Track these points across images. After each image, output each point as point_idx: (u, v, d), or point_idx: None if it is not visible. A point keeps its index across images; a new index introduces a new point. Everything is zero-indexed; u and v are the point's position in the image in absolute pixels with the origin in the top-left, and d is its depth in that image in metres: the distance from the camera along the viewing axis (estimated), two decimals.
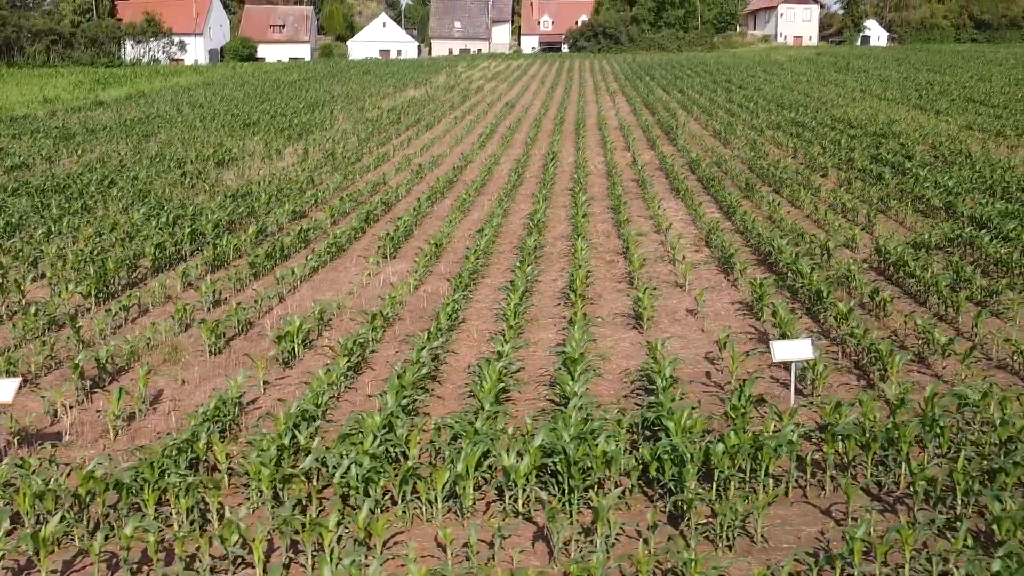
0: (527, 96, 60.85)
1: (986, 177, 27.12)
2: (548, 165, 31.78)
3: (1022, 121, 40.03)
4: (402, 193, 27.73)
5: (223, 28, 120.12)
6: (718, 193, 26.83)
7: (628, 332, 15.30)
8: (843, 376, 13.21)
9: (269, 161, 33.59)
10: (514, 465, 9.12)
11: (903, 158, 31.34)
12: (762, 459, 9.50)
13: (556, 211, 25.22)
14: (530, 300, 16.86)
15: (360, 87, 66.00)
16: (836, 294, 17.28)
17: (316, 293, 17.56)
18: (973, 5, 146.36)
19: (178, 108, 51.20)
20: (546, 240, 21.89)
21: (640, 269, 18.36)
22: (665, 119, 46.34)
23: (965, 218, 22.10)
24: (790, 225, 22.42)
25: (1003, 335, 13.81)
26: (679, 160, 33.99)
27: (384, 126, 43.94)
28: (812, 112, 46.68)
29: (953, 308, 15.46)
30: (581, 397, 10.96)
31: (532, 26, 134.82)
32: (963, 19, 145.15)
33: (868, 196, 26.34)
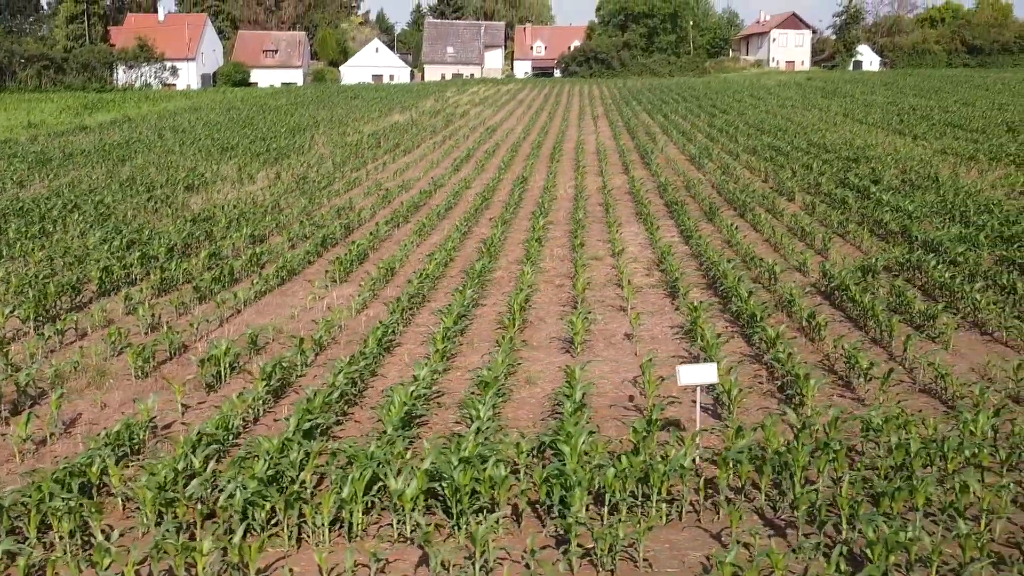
0: (511, 121, 61.08)
1: (948, 201, 27.16)
2: (515, 190, 31.85)
3: (996, 145, 40.12)
4: (365, 217, 27.79)
5: (216, 53, 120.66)
6: (680, 217, 26.89)
7: (561, 356, 15.30)
8: (765, 400, 13.23)
9: (240, 185, 33.69)
10: (401, 489, 9.11)
11: (870, 183, 31.41)
12: (653, 484, 9.49)
13: (515, 235, 25.27)
14: (470, 324, 16.90)
15: (345, 112, 66.24)
16: (775, 317, 17.37)
17: (259, 317, 17.58)
18: (965, 30, 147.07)
19: (160, 133, 51.38)
20: (499, 265, 21.93)
21: (583, 293, 18.40)
22: (643, 143, 46.50)
23: (919, 242, 22.15)
24: (745, 249, 22.50)
25: (936, 359, 13.76)
26: (649, 184, 34.07)
27: (362, 151, 44.07)
28: (790, 137, 46.81)
29: (887, 332, 15.48)
30: (487, 421, 10.95)
31: (525, 51, 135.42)
32: (955, 44, 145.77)
33: (829, 220, 26.40)
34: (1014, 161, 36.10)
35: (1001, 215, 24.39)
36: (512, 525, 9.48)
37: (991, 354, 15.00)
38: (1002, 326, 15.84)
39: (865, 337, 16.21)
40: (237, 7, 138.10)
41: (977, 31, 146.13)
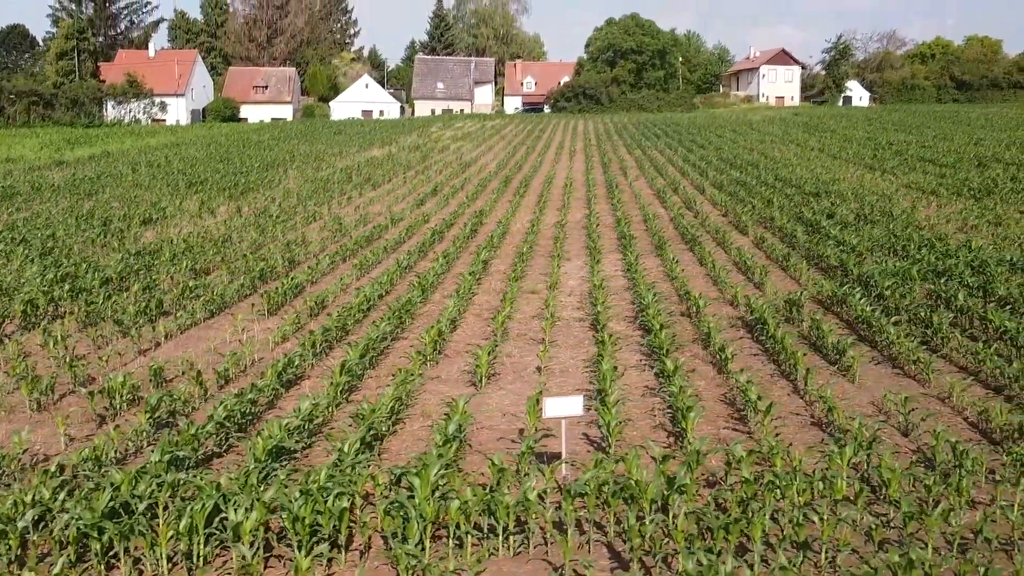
0: (488, 156, 61.33)
1: (894, 235, 27.24)
2: (471, 224, 31.94)
3: (960, 180, 40.32)
4: (314, 251, 27.83)
5: (206, 89, 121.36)
6: (627, 251, 26.92)
7: (467, 389, 15.28)
8: (655, 432, 13.22)
9: (199, 219, 33.78)
10: (239, 521, 9.08)
11: (825, 217, 31.56)
12: (500, 516, 9.46)
13: (458, 269, 25.33)
14: (384, 357, 16.93)
15: (325, 147, 66.53)
16: (691, 350, 17.41)
17: (178, 350, 17.57)
18: (954, 66, 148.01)
19: (134, 168, 51.56)
20: (432, 299, 21.96)
21: (502, 327, 18.42)
22: (613, 178, 46.72)
23: (852, 276, 22.19)
24: (682, 282, 22.56)
25: (828, 392, 13.74)
26: (608, 219, 34.18)
27: (331, 185, 44.21)
28: (760, 171, 46.98)
29: (791, 365, 15.50)
30: (356, 454, 10.94)
31: (515, 87, 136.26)
32: (944, 80, 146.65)
33: (775, 254, 26.47)
34: (974, 195, 36.26)
35: (941, 249, 24.46)
36: (356, 558, 9.44)
37: (896, 387, 15.01)
38: (910, 360, 15.82)
39: (777, 370, 16.24)
40: (230, 44, 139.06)
41: (966, 67, 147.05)
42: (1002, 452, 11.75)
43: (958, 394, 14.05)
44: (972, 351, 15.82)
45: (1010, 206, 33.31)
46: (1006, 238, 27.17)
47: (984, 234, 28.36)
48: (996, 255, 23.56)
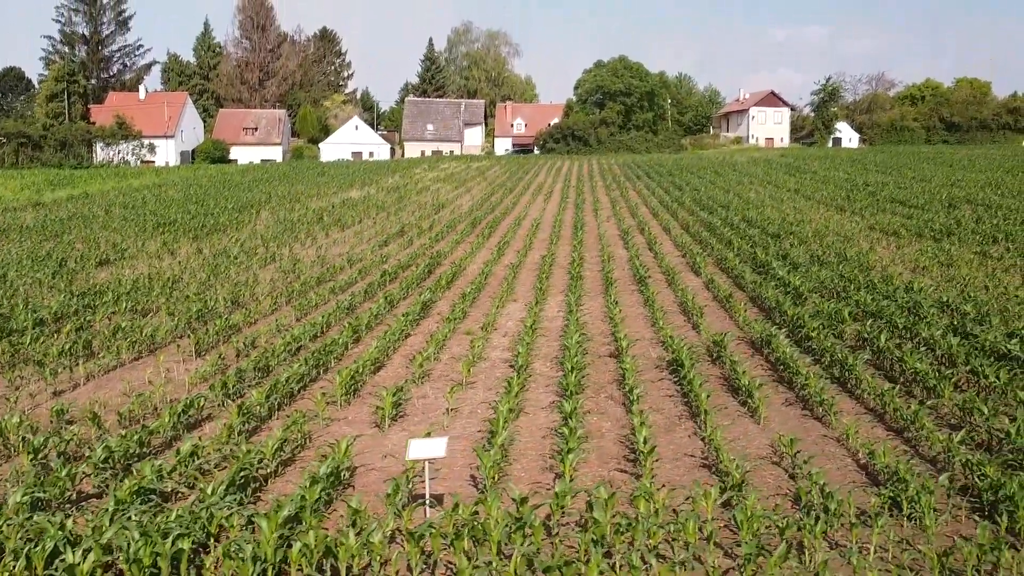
0: (465, 197, 61.53)
1: (843, 276, 27.35)
2: (423, 265, 31.99)
3: (924, 221, 40.48)
4: (262, 292, 27.80)
5: (196, 130, 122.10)
6: (573, 291, 26.97)
7: (370, 430, 15.29)
8: (543, 474, 13.21)
9: (158, 260, 33.86)
10: (77, 563, 9.06)
11: (778, 259, 31.67)
12: (341, 559, 9.45)
13: (400, 310, 25.34)
14: (300, 400, 16.95)
15: (305, 188, 66.79)
16: (608, 391, 17.43)
17: (96, 392, 17.57)
18: (943, 107, 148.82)
19: (108, 209, 51.76)
20: (365, 341, 21.97)
21: (421, 368, 18.44)
22: (583, 219, 46.95)
23: (788, 317, 22.24)
24: (617, 323, 22.60)
25: (718, 435, 13.74)
26: (566, 260, 34.25)
27: (300, 226, 44.34)
28: (730, 212, 47.11)
29: (697, 406, 15.51)
30: (216, 496, 10.91)
31: (505, 128, 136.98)
32: (933, 121, 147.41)
33: (720, 294, 26.53)
34: (934, 236, 36.39)
35: (881, 290, 24.55)
36: None
37: (801, 428, 15.04)
38: (818, 401, 15.83)
39: (687, 411, 16.25)
40: (222, 86, 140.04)
41: (955, 108, 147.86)
42: (877, 493, 11.72)
43: (853, 435, 14.04)
44: (879, 392, 15.82)
45: (967, 247, 33.42)
46: (952, 279, 27.25)
47: (934, 275, 28.46)
48: (932, 296, 23.66)
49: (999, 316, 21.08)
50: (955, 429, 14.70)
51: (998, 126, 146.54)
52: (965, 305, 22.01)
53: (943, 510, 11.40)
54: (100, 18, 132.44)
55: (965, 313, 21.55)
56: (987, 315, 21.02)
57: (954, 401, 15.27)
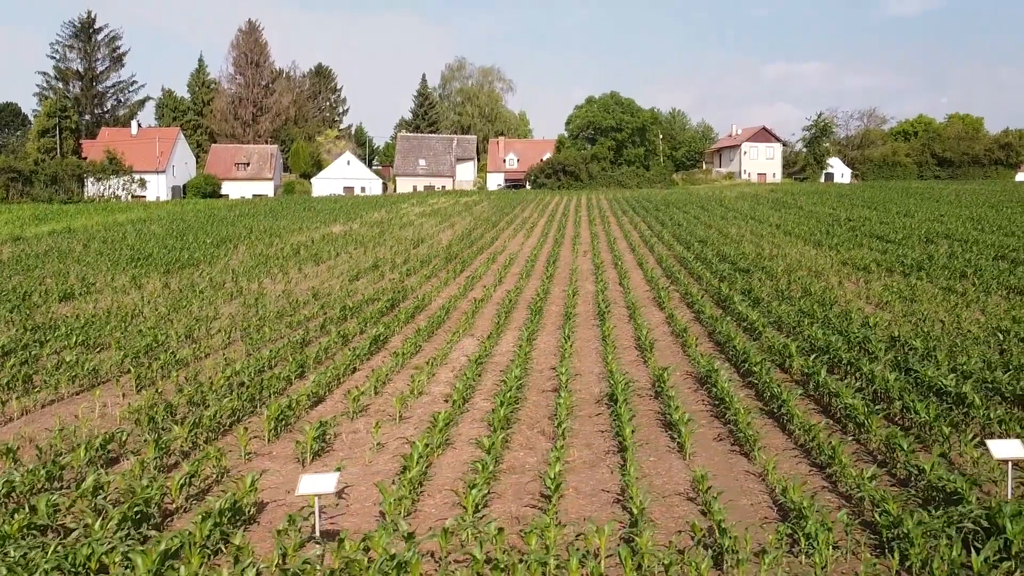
0: (447, 232, 61.62)
1: (802, 311, 27.35)
2: (388, 300, 31.93)
3: (897, 256, 40.52)
4: (220, 327, 27.69)
5: (188, 166, 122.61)
6: (531, 325, 26.90)
7: (292, 465, 15.17)
8: (452, 510, 13.08)
9: (124, 295, 33.83)
10: None
11: (742, 294, 31.68)
12: None
13: (353, 344, 25.25)
14: (228, 436, 16.83)
15: (289, 222, 66.94)
16: (541, 426, 17.33)
17: (27, 427, 17.45)
18: (935, 143, 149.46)
19: (86, 244, 51.86)
20: (309, 376, 21.86)
21: (356, 403, 18.35)
22: (558, 254, 47.01)
23: (737, 352, 22.19)
24: (567, 357, 22.55)
25: (632, 472, 13.63)
26: (532, 295, 34.19)
27: (275, 261, 44.34)
28: (708, 247, 47.20)
29: (624, 442, 15.41)
30: (101, 530, 10.80)
31: (498, 164, 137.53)
32: (925, 156, 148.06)
33: (676, 328, 26.47)
34: (904, 271, 36.38)
35: (836, 325, 24.50)
36: None
37: (725, 464, 14.93)
38: (746, 437, 15.72)
39: (617, 446, 16.12)
40: (215, 122, 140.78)
41: (947, 144, 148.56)
42: (775, 530, 11.58)
43: (772, 470, 13.93)
44: (806, 427, 15.72)
45: (934, 282, 33.40)
46: (912, 314, 27.19)
47: (895, 310, 28.41)
48: (886, 332, 23.63)
49: (947, 351, 20.97)
50: (881, 465, 14.62)
51: (990, 161, 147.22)
52: (915, 340, 21.92)
53: (843, 546, 11.27)
54: (95, 54, 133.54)
55: (913, 348, 21.49)
56: (934, 350, 20.93)
57: (879, 437, 15.16)
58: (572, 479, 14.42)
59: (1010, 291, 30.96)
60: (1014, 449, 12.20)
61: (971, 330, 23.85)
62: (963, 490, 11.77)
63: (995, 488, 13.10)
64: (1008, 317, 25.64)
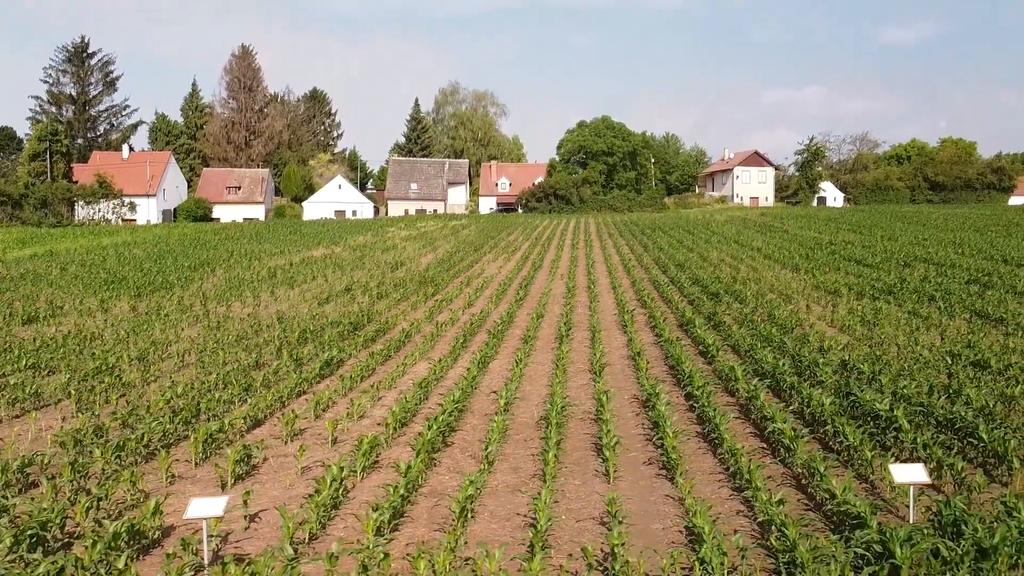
0: (428, 256, 61.64)
1: (760, 335, 27.37)
2: (352, 323, 31.89)
3: (871, 280, 40.55)
4: (182, 349, 27.59)
5: (179, 189, 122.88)
6: (487, 349, 26.87)
7: (213, 489, 15.10)
8: (362, 534, 13.00)
9: (91, 318, 33.81)
10: None
11: (706, 318, 31.70)
12: None
13: (306, 367, 25.18)
14: (156, 460, 16.76)
15: (272, 246, 67.01)
16: (471, 451, 17.26)
17: None
18: (928, 167, 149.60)
19: (64, 267, 51.88)
20: (250, 401, 21.80)
21: (291, 427, 18.29)
22: (531, 277, 47.04)
23: (684, 375, 22.16)
24: (517, 381, 22.54)
25: (587, 494, 13.59)
26: (497, 318, 34.15)
27: (249, 284, 44.32)
28: (685, 271, 47.27)
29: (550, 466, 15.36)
30: None
31: (490, 187, 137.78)
32: (917, 180, 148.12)
33: (634, 352, 26.43)
34: (874, 295, 36.38)
35: (790, 349, 24.47)
36: None
37: (648, 488, 14.88)
38: (672, 462, 15.66)
39: (540, 472, 16.04)
40: (208, 145, 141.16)
41: (940, 168, 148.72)
42: (669, 555, 11.51)
43: (688, 494, 13.86)
44: (732, 451, 15.65)
45: (902, 306, 33.41)
46: (871, 338, 27.17)
47: (857, 334, 28.39)
48: (838, 355, 23.60)
49: (892, 376, 20.92)
50: (802, 488, 14.57)
51: (983, 185, 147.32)
52: (863, 364, 21.87)
53: (741, 571, 11.20)
54: (88, 79, 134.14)
55: (861, 372, 21.44)
56: (879, 374, 20.87)
57: (801, 460, 15.10)
58: (491, 503, 14.36)
59: (974, 315, 30.93)
60: (916, 473, 12.14)
61: (923, 354, 23.78)
62: (865, 514, 11.69)
63: (908, 511, 13.04)
64: (963, 342, 25.60)
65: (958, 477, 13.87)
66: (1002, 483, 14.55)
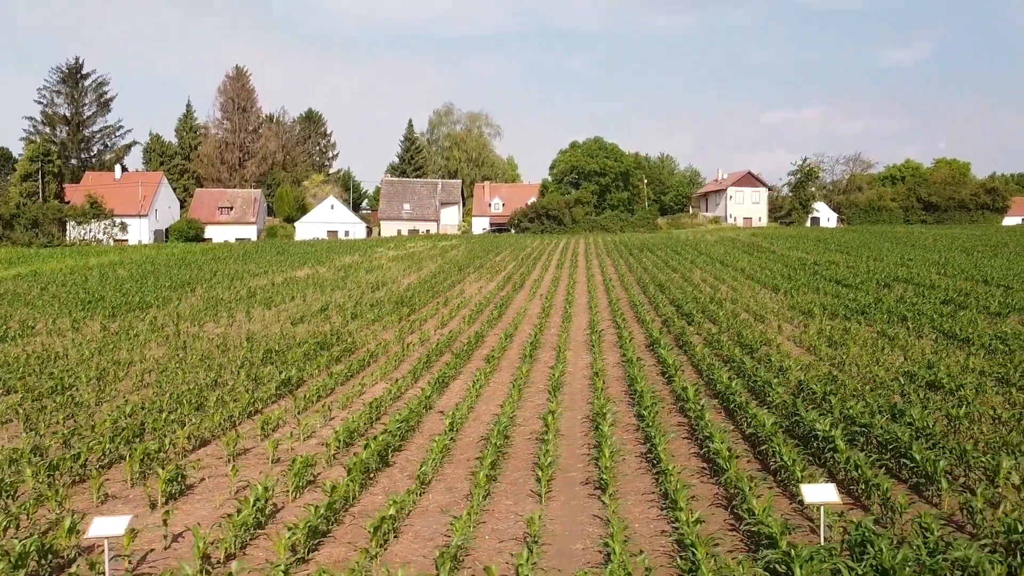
0: (411, 276, 61.67)
1: (721, 356, 27.44)
2: (318, 343, 31.89)
3: (848, 299, 40.66)
4: (147, 368, 27.60)
5: (172, 209, 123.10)
6: (450, 369, 26.90)
7: (143, 509, 15.08)
8: (279, 553, 12.97)
9: (60, 337, 33.85)
10: None
11: (674, 338, 31.75)
12: None
13: (265, 387, 25.18)
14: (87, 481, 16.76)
15: (257, 266, 67.10)
16: (408, 470, 17.23)
17: None
18: (921, 188, 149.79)
19: (45, 287, 51.94)
20: (192, 420, 21.78)
21: (233, 447, 18.27)
22: (509, 298, 47.07)
23: (636, 395, 22.17)
24: (473, 399, 22.57)
25: (515, 518, 13.56)
26: (466, 339, 34.15)
27: (226, 304, 44.33)
28: (664, 292, 47.37)
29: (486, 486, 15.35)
30: None
31: (483, 208, 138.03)
32: (911, 201, 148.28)
33: (594, 372, 26.42)
34: (846, 315, 36.42)
35: (748, 370, 24.48)
36: None
37: (581, 510, 14.88)
38: (604, 482, 15.64)
39: (469, 494, 16.03)
40: (202, 166, 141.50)
41: (933, 188, 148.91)
42: None
43: (611, 515, 13.82)
44: (665, 471, 15.64)
45: (872, 326, 33.48)
46: (833, 358, 27.22)
47: (822, 353, 28.46)
48: (795, 376, 23.60)
49: (841, 396, 20.92)
50: (730, 509, 14.54)
51: (976, 206, 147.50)
52: (815, 385, 21.87)
53: None
54: (82, 99, 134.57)
55: (813, 392, 21.45)
56: (829, 395, 20.85)
57: (732, 480, 15.07)
58: (419, 523, 14.35)
59: (941, 335, 30.94)
60: (827, 494, 12.13)
61: (879, 375, 23.76)
62: (775, 534, 11.67)
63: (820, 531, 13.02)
64: (924, 362, 25.58)
65: (883, 497, 13.85)
66: (932, 503, 14.54)
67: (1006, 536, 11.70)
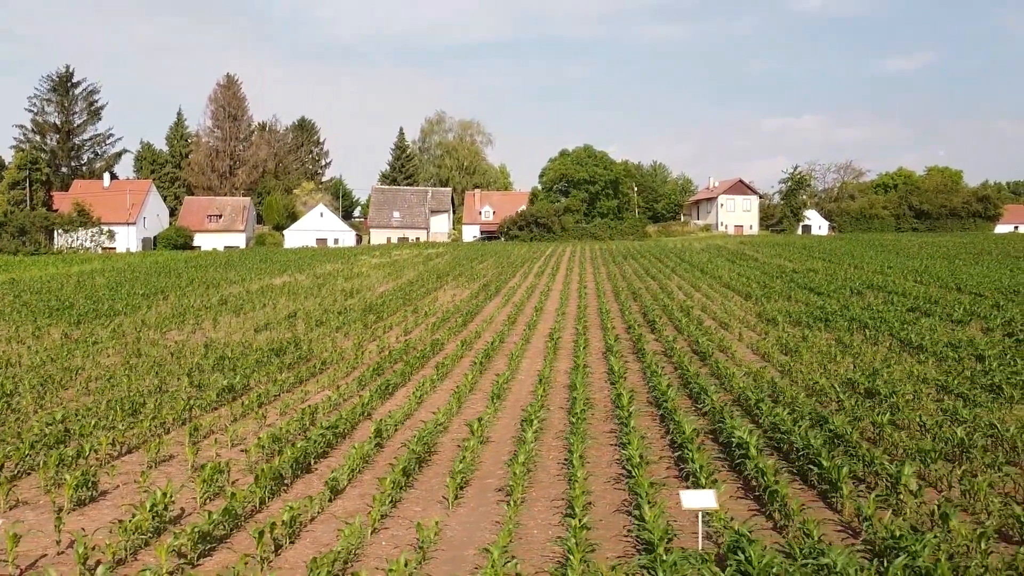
0: (388, 284, 61.69)
1: (673, 364, 27.48)
2: (275, 350, 31.90)
3: (814, 307, 40.79)
4: (91, 376, 27.60)
5: (160, 217, 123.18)
6: (402, 376, 26.94)
7: (47, 515, 15.08)
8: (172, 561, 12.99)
9: (19, 344, 33.84)
10: None
11: (631, 344, 31.81)
12: None
13: (207, 393, 25.19)
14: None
15: (235, 274, 67.08)
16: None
17: None
18: (912, 196, 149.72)
19: (18, 295, 51.93)
20: (144, 426, 21.80)
21: (155, 455, 18.29)
22: (480, 306, 47.12)
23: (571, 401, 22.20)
24: (413, 406, 22.60)
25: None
26: (421, 345, 34.18)
27: (193, 312, 44.28)
28: (637, 300, 47.51)
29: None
30: None
31: (474, 216, 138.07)
32: (902, 209, 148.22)
33: (543, 378, 26.44)
34: (808, 323, 36.51)
35: (701, 382, 24.49)
36: None
37: (483, 515, 14.88)
38: (510, 489, 15.66)
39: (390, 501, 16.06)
40: (193, 174, 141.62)
41: (924, 196, 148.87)
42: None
43: (509, 522, 13.85)
44: (573, 478, 15.65)
45: (831, 333, 33.59)
46: (784, 366, 27.30)
47: (775, 361, 28.54)
48: (740, 386, 23.64)
49: (771, 404, 20.97)
50: (630, 515, 14.56)
51: (968, 214, 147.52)
52: (749, 392, 21.95)
53: None
54: (72, 108, 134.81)
55: (747, 399, 21.53)
56: (760, 402, 20.89)
57: (638, 485, 15.09)
58: (320, 529, 14.37)
59: (898, 342, 31.01)
60: (705, 500, 12.14)
61: (820, 382, 23.77)
62: (654, 540, 11.69)
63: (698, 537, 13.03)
64: (870, 369, 25.60)
65: (782, 503, 13.87)
66: (835, 510, 14.57)
67: (884, 542, 11.73)
